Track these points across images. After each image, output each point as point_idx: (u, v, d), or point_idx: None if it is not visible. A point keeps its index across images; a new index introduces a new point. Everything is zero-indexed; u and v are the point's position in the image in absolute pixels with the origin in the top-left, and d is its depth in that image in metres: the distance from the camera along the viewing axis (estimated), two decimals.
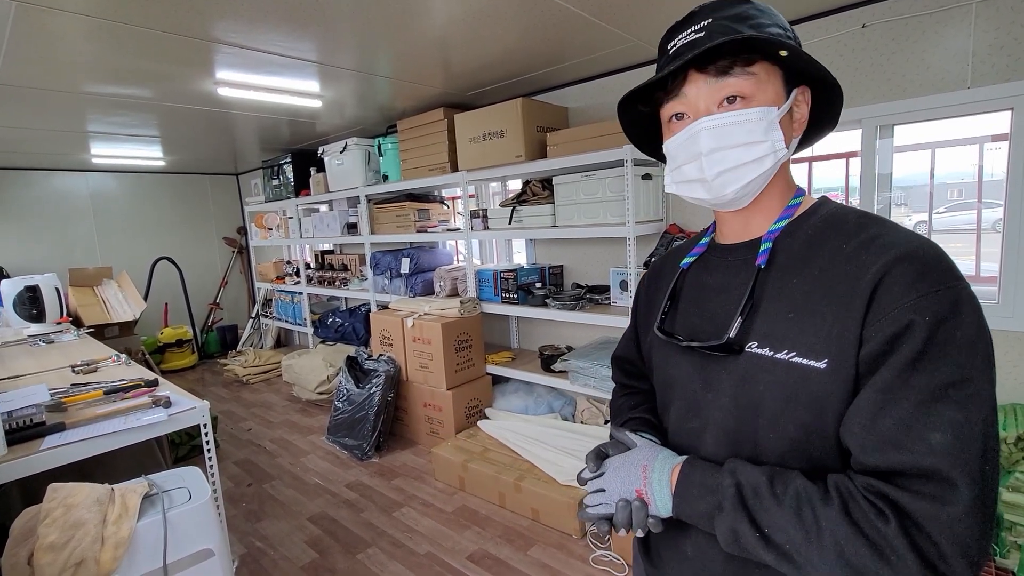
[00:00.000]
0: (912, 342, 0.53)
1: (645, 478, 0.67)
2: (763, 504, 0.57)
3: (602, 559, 2.11)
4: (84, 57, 2.22)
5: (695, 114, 0.66)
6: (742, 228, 0.73)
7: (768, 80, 0.64)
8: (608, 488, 0.70)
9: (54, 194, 5.14)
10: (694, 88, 0.65)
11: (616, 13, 2.08)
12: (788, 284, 0.64)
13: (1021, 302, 1.93)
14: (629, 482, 0.68)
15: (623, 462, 0.70)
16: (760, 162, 0.65)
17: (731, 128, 0.64)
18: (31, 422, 1.46)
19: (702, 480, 0.63)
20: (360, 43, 2.25)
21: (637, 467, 0.68)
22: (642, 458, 0.69)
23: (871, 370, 0.55)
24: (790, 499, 0.56)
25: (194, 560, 1.30)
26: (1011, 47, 1.85)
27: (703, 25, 0.64)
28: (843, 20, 2.16)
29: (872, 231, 0.61)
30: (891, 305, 0.54)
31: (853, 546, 0.52)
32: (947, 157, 2.27)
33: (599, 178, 2.59)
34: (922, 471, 0.50)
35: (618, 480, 0.69)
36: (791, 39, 0.66)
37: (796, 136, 0.69)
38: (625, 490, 0.68)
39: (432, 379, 3.16)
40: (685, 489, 0.64)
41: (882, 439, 0.53)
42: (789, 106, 0.66)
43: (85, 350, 2.63)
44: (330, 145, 4.03)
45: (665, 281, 0.84)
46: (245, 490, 2.91)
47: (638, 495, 0.67)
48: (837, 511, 0.53)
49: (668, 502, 0.65)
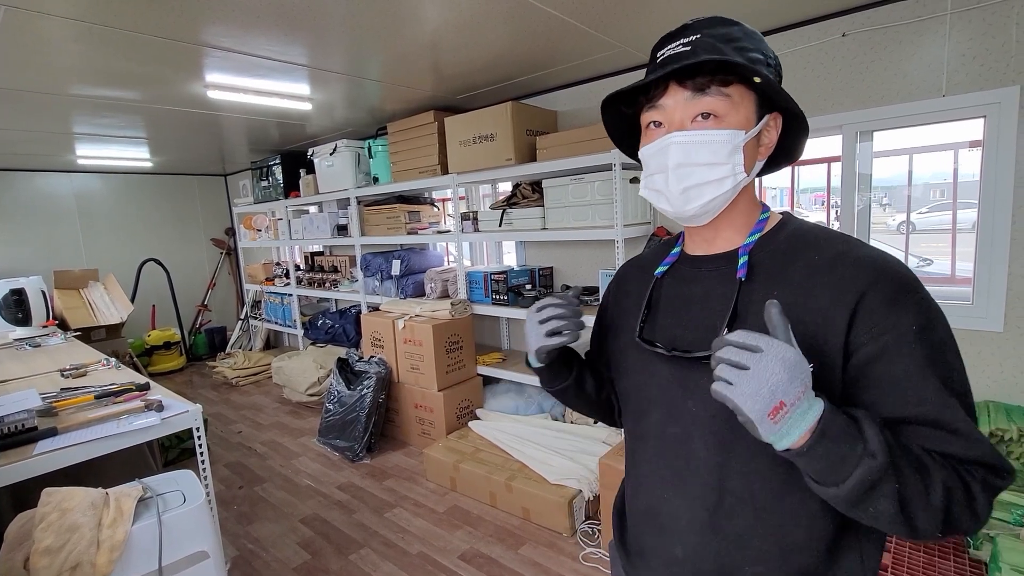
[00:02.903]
0: (914, 349, 0.60)
1: (798, 397, 0.54)
2: (899, 457, 0.57)
3: (592, 556, 2.15)
4: (72, 60, 2.21)
5: (670, 125, 0.70)
6: (711, 241, 0.77)
7: (741, 103, 0.68)
8: (756, 373, 0.54)
9: (38, 195, 5.07)
10: (672, 100, 0.68)
11: (604, 20, 2.12)
12: (770, 296, 0.68)
13: (994, 303, 2.00)
14: (784, 389, 0.54)
15: (797, 361, 0.55)
16: (721, 183, 0.69)
17: (698, 146, 0.68)
18: (23, 427, 1.46)
19: (843, 425, 0.56)
20: (350, 47, 2.26)
21: (802, 380, 0.55)
22: (808, 376, 0.56)
23: (865, 375, 0.62)
24: (910, 454, 0.58)
25: (189, 562, 1.31)
26: (983, 57, 1.91)
27: (691, 40, 0.67)
28: (824, 28, 2.22)
29: (839, 247, 0.67)
30: (878, 319, 0.62)
31: (958, 499, 0.57)
32: (930, 158, 2.34)
33: (588, 181, 2.63)
34: (979, 459, 0.59)
35: (780, 374, 0.53)
36: (772, 66, 0.70)
37: (761, 160, 0.73)
38: (774, 391, 0.54)
39: (423, 380, 3.18)
40: (830, 427, 0.55)
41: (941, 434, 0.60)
42: (758, 131, 0.70)
43: (73, 354, 2.61)
44: (320, 147, 4.03)
45: (635, 288, 0.86)
46: (236, 492, 2.91)
47: (777, 408, 0.54)
48: (947, 468, 0.58)
49: (799, 433, 0.55)
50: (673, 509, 0.75)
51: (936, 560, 1.75)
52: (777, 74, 0.71)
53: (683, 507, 0.73)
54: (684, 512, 0.73)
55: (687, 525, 0.73)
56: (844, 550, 0.69)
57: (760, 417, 0.54)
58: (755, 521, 0.69)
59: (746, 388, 0.54)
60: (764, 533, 0.68)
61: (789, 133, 0.74)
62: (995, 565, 1.54)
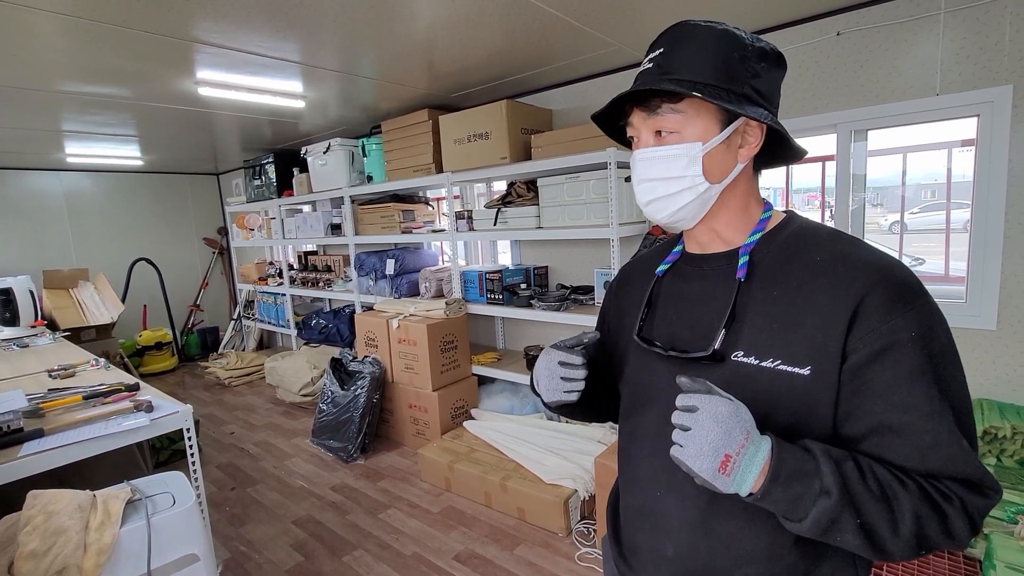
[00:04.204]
0: (907, 356, 0.60)
1: (743, 445, 0.56)
2: (858, 491, 0.57)
3: (587, 556, 2.14)
4: (60, 56, 2.17)
5: (639, 142, 0.74)
6: (708, 241, 0.77)
7: (697, 116, 0.68)
8: (696, 434, 0.57)
9: (27, 194, 5.01)
10: (637, 119, 0.73)
11: (599, 18, 2.11)
12: (770, 296, 0.67)
13: (987, 302, 2.01)
14: (726, 442, 0.56)
15: (731, 412, 0.57)
16: (679, 195, 0.71)
17: (654, 162, 0.71)
18: (8, 428, 1.44)
19: (797, 462, 0.57)
20: (344, 44, 2.24)
21: (742, 429, 0.57)
22: (748, 422, 0.58)
23: (858, 377, 0.61)
24: (874, 484, 0.58)
25: (179, 565, 1.29)
26: (976, 56, 1.92)
27: (655, 56, 0.70)
28: (819, 27, 2.22)
29: (841, 247, 0.66)
30: (876, 323, 0.61)
31: (930, 524, 0.57)
32: (921, 159, 2.35)
33: (583, 180, 2.62)
34: (961, 476, 0.59)
35: (717, 431, 0.56)
36: (746, 58, 0.66)
37: (742, 162, 0.71)
38: (717, 447, 0.56)
39: (418, 380, 3.16)
40: (780, 470, 0.57)
41: (916, 449, 0.59)
42: (725, 137, 0.68)
43: (62, 354, 2.58)
44: (313, 145, 4.00)
45: (636, 287, 0.87)
46: (228, 494, 2.88)
47: (725, 462, 0.56)
48: (917, 495, 0.58)
49: (751, 480, 0.57)
50: (666, 508, 0.75)
51: (930, 558, 1.75)
52: (760, 62, 0.68)
53: (676, 506, 0.74)
54: (676, 511, 0.74)
55: (679, 524, 0.73)
56: (835, 550, 0.69)
57: (712, 474, 0.57)
58: (746, 522, 0.69)
59: (692, 450, 0.57)
60: (755, 534, 0.68)
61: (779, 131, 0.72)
62: (989, 563, 1.54)
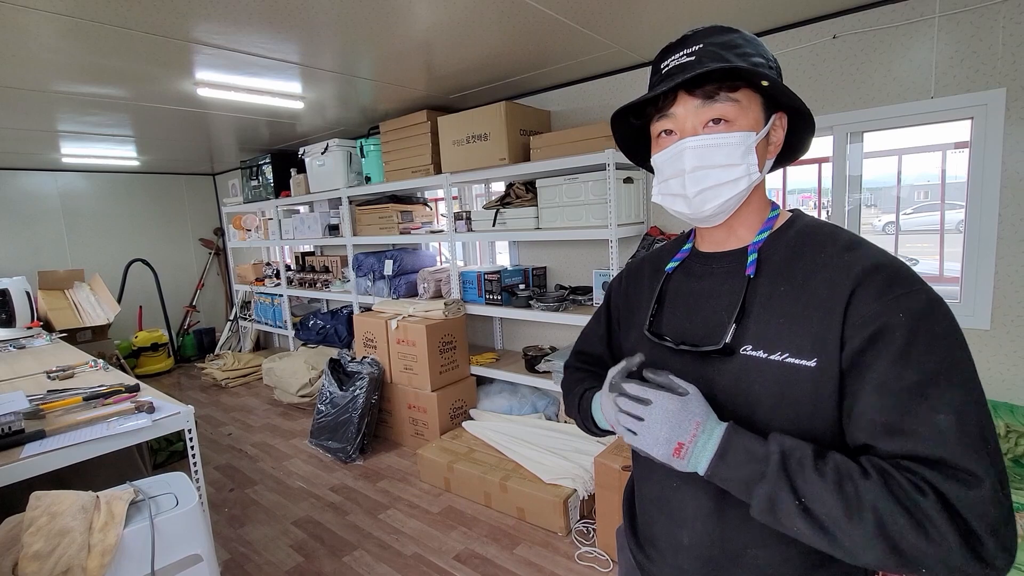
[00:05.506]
0: (895, 338, 0.59)
1: (693, 435, 0.63)
2: (805, 474, 0.58)
3: (587, 555, 2.15)
4: (57, 56, 2.17)
5: (682, 133, 0.71)
6: (723, 239, 0.79)
7: (749, 106, 0.69)
8: (650, 425, 0.65)
9: (22, 194, 4.98)
10: (683, 108, 0.70)
11: (598, 20, 2.12)
12: (777, 292, 0.69)
13: (982, 301, 2.03)
14: (677, 433, 0.63)
15: (679, 407, 0.64)
16: (736, 183, 0.70)
17: (713, 149, 0.69)
18: (10, 430, 1.43)
19: (747, 447, 0.62)
20: (343, 46, 2.25)
21: (691, 420, 0.64)
22: (698, 413, 0.64)
23: (854, 364, 0.62)
24: (831, 472, 0.57)
25: (182, 566, 1.29)
26: (971, 60, 1.94)
27: (694, 50, 0.69)
28: (816, 30, 2.24)
29: (844, 244, 0.69)
30: (867, 307, 0.61)
31: (894, 519, 0.54)
32: (915, 160, 2.38)
33: (582, 181, 2.64)
34: (938, 458, 0.55)
35: (667, 425, 0.64)
36: (773, 69, 0.71)
37: (770, 159, 0.75)
38: (670, 437, 0.63)
39: (416, 381, 3.16)
40: (728, 453, 0.62)
41: (891, 429, 0.58)
42: (767, 131, 0.71)
43: (59, 355, 2.57)
44: (311, 146, 4.00)
45: (646, 283, 0.89)
46: (227, 495, 2.87)
47: (679, 448, 0.63)
48: (878, 485, 0.55)
49: (706, 463, 0.63)
50: (681, 498, 0.77)
51: None
52: (778, 76, 0.73)
53: (690, 495, 0.76)
54: (691, 500, 0.76)
55: (694, 513, 0.75)
56: None
57: (668, 458, 0.65)
58: None
59: (647, 439, 0.65)
60: None
61: (795, 131, 0.76)
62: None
